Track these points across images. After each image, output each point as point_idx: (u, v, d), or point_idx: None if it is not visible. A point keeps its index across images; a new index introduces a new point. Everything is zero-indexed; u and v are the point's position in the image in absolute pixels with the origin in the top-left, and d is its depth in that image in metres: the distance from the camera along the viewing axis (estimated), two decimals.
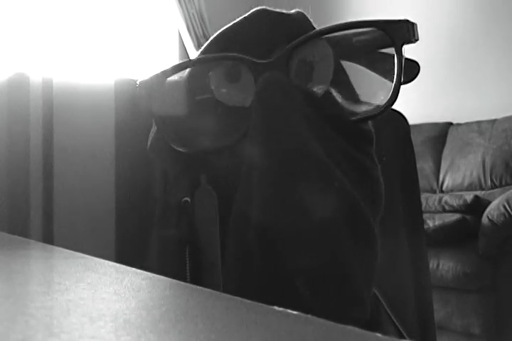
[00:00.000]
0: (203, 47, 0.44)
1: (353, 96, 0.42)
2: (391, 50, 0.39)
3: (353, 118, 0.40)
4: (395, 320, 0.41)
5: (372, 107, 0.40)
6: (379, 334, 0.18)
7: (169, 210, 0.41)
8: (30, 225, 0.69)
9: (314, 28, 0.42)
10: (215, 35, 0.44)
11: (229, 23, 0.44)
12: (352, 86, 0.42)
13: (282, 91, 0.37)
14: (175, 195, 0.40)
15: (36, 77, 0.85)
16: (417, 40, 0.40)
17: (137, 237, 0.46)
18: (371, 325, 0.38)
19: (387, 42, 0.39)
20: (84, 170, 0.72)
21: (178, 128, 0.41)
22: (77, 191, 0.71)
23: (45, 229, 0.69)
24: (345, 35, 0.41)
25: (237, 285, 0.36)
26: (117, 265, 0.30)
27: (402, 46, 0.39)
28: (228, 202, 0.37)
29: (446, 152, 2.25)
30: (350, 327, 0.19)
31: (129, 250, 0.47)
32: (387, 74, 0.40)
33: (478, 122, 2.21)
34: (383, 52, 0.40)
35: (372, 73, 0.42)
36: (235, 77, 0.40)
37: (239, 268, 0.36)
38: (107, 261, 0.31)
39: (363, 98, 0.42)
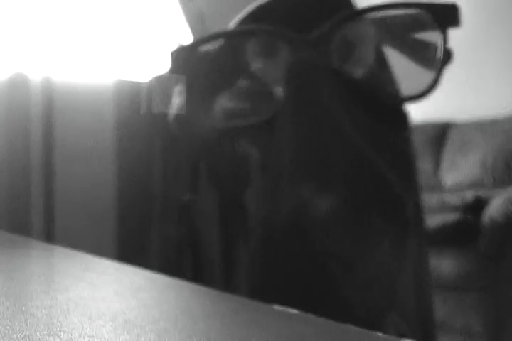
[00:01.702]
0: (237, 18, 0.42)
1: (391, 79, 0.40)
2: (432, 34, 0.38)
3: (395, 100, 0.38)
4: (395, 316, 0.41)
5: (413, 90, 0.38)
6: (379, 334, 0.18)
7: (169, 209, 0.41)
8: (31, 224, 0.69)
9: (354, 7, 0.41)
10: (252, 7, 0.41)
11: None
12: (390, 69, 0.41)
13: (317, 74, 0.35)
14: (175, 194, 0.40)
15: (36, 77, 0.85)
16: (459, 24, 0.38)
17: (138, 235, 0.46)
18: (373, 320, 0.38)
19: (431, 25, 0.38)
20: (85, 169, 0.72)
21: (208, 101, 0.39)
22: (77, 190, 0.71)
23: (46, 228, 0.69)
24: (388, 15, 0.39)
25: (263, 277, 0.35)
26: (117, 264, 0.30)
27: (447, 31, 0.37)
28: (231, 199, 0.37)
29: (446, 152, 2.25)
30: (350, 327, 0.19)
31: (130, 248, 0.47)
32: (428, 57, 0.38)
33: (478, 122, 2.21)
34: (424, 36, 0.39)
35: (412, 56, 0.41)
36: (271, 52, 0.38)
37: (266, 258, 0.35)
38: (107, 260, 0.31)
39: (401, 81, 0.40)
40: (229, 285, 0.37)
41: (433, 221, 1.79)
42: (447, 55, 0.39)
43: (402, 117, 0.40)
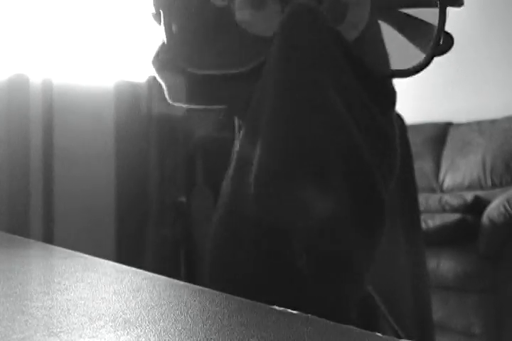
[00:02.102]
0: None
1: (382, 50, 0.39)
2: (430, 11, 0.36)
3: (382, 73, 0.36)
4: (391, 321, 0.41)
5: (403, 66, 0.36)
6: (379, 334, 0.18)
7: (165, 210, 0.40)
8: (31, 225, 0.69)
9: None
10: None
11: None
12: (382, 41, 0.39)
13: (314, 23, 0.33)
14: (170, 195, 0.40)
15: (36, 78, 0.85)
16: (461, 4, 0.37)
17: (136, 237, 0.46)
18: (368, 325, 0.38)
19: (431, 1, 0.36)
20: (84, 171, 0.73)
21: (190, 46, 0.37)
22: (76, 191, 0.71)
23: (45, 229, 0.69)
24: None
25: (226, 272, 0.33)
26: (117, 265, 0.30)
27: (446, 7, 0.36)
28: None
29: (446, 152, 2.25)
30: (350, 327, 0.19)
31: (129, 249, 0.47)
32: (423, 36, 0.37)
33: (478, 122, 2.21)
34: (422, 11, 0.38)
35: (407, 33, 0.39)
36: (260, 3, 0.36)
37: (229, 251, 0.33)
38: (106, 261, 0.31)
39: (393, 52, 0.39)
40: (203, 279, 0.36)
41: (433, 221, 1.79)
42: (446, 40, 0.37)
43: (389, 93, 0.37)
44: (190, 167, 0.40)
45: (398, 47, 0.39)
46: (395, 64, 0.38)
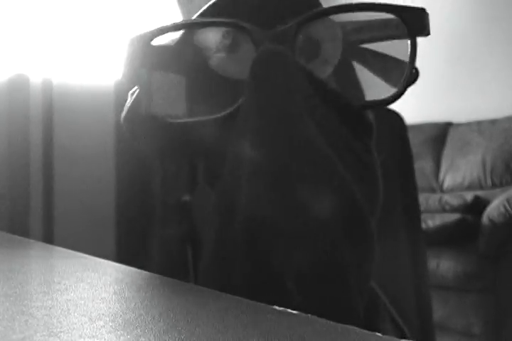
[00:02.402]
0: (200, 10, 0.40)
1: (356, 84, 0.40)
2: (401, 41, 0.37)
3: (358, 104, 0.36)
4: (396, 318, 0.41)
5: (378, 96, 0.37)
6: (379, 334, 0.18)
7: (169, 210, 0.40)
8: (31, 225, 0.69)
9: (321, 6, 0.39)
10: (213, 1, 0.40)
11: None
12: (356, 73, 0.40)
13: (283, 66, 0.33)
14: (174, 195, 0.40)
15: (36, 78, 0.85)
16: (428, 33, 0.37)
17: (137, 237, 0.46)
18: (370, 323, 0.38)
19: (401, 30, 0.36)
20: (84, 170, 0.72)
21: (162, 95, 0.37)
22: (77, 191, 0.71)
23: (45, 229, 0.69)
24: (356, 20, 0.38)
25: (217, 285, 0.33)
26: (117, 265, 0.30)
27: (416, 35, 0.36)
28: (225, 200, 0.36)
29: (446, 152, 2.25)
30: (350, 327, 0.19)
31: (129, 249, 0.47)
32: (396, 64, 0.37)
33: (478, 122, 2.21)
34: (393, 41, 0.38)
35: (382, 61, 0.39)
36: (233, 46, 0.36)
37: (220, 266, 0.33)
38: (106, 261, 0.31)
39: (366, 87, 0.39)
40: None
41: (433, 221, 1.79)
42: (413, 72, 0.37)
43: (366, 125, 0.38)
44: (191, 166, 0.40)
45: (371, 82, 0.40)
46: (370, 97, 0.39)
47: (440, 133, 2.31)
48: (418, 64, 0.40)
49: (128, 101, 0.39)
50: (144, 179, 0.46)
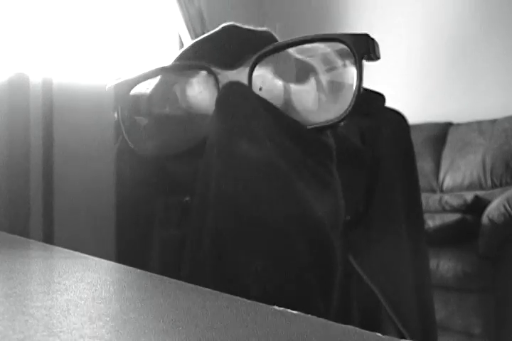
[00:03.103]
0: (175, 58, 0.46)
1: (313, 107, 0.42)
2: (349, 69, 0.40)
3: (311, 126, 0.40)
4: (395, 320, 0.41)
5: (331, 117, 0.40)
6: (379, 334, 0.18)
7: (170, 210, 0.41)
8: (31, 225, 0.69)
9: (276, 41, 0.44)
10: (187, 46, 0.46)
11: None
12: (313, 97, 0.43)
13: (242, 96, 0.38)
14: (176, 195, 0.40)
15: (36, 77, 0.85)
16: (378, 57, 0.40)
17: (138, 237, 0.46)
18: (371, 324, 0.38)
19: (348, 56, 0.40)
20: (85, 170, 0.72)
21: (143, 134, 0.43)
22: (77, 191, 0.71)
23: (45, 229, 0.69)
24: (312, 47, 0.41)
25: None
26: (117, 265, 0.30)
27: (361, 59, 0.39)
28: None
29: (446, 152, 2.25)
30: (350, 327, 0.19)
31: (130, 250, 0.47)
32: (348, 86, 0.40)
33: (478, 122, 2.21)
34: (346, 66, 0.41)
35: (334, 86, 0.43)
36: (200, 86, 0.41)
37: (192, 270, 0.35)
38: (106, 261, 0.31)
39: (322, 110, 0.42)
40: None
41: (433, 221, 1.79)
42: (360, 90, 0.41)
43: (325, 145, 0.41)
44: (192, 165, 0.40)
45: (320, 103, 0.43)
46: (325, 118, 0.41)
47: (440, 133, 2.31)
48: (418, 64, 0.41)
49: (117, 142, 0.45)
50: (145, 179, 0.46)
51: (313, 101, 0.42)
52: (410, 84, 2.54)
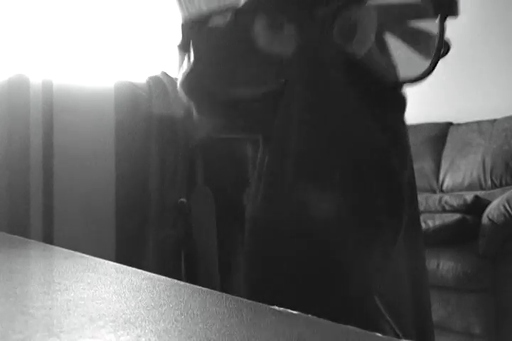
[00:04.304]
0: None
1: (389, 62, 0.43)
2: (432, 24, 0.40)
3: (392, 81, 0.40)
4: (390, 321, 0.41)
5: (410, 75, 0.40)
6: (379, 334, 0.18)
7: (166, 211, 0.41)
8: (31, 225, 0.69)
9: None
10: None
11: None
12: (390, 54, 0.43)
13: (326, 53, 0.37)
14: (171, 196, 0.40)
15: (36, 78, 0.85)
16: (457, 14, 0.41)
17: (137, 237, 0.46)
18: (368, 325, 0.38)
19: (431, 14, 0.40)
20: (84, 171, 0.72)
21: (215, 69, 0.42)
22: (77, 191, 0.71)
23: (45, 229, 0.69)
24: (390, 4, 0.41)
25: (259, 278, 0.36)
26: (117, 265, 0.30)
27: (445, 18, 0.39)
28: (226, 201, 0.37)
29: (446, 152, 2.25)
30: (350, 327, 0.19)
31: (129, 250, 0.47)
32: (426, 46, 0.40)
33: (478, 122, 2.21)
34: (424, 24, 0.41)
35: (411, 44, 0.43)
36: (277, 27, 0.40)
37: (263, 259, 0.36)
38: (106, 261, 0.31)
39: (399, 66, 0.42)
40: (225, 286, 0.37)
41: (433, 221, 1.79)
42: (444, 46, 0.41)
43: (399, 99, 0.41)
44: (190, 167, 0.40)
45: (403, 56, 0.43)
46: (403, 73, 0.42)
47: (440, 133, 2.31)
48: None
49: (185, 68, 0.42)
50: (145, 179, 0.46)
51: (390, 57, 0.42)
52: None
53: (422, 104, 2.45)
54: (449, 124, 2.33)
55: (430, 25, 0.40)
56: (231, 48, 0.42)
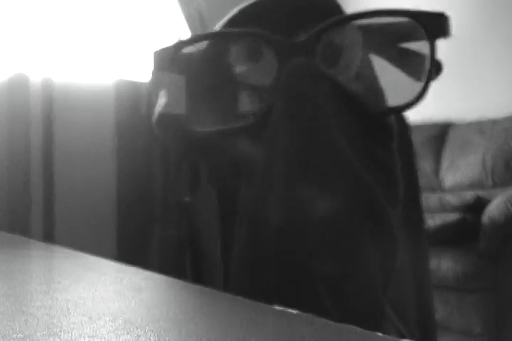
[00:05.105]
0: (224, 20, 0.42)
1: (377, 88, 0.41)
2: (421, 44, 0.38)
3: (380, 110, 0.38)
4: (395, 320, 0.41)
5: (399, 101, 0.38)
6: (379, 334, 0.18)
7: (170, 210, 0.41)
8: (31, 224, 0.69)
9: (342, 13, 0.41)
10: (238, 8, 0.41)
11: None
12: (377, 78, 0.41)
13: (310, 80, 0.35)
14: (175, 195, 0.40)
15: (36, 77, 0.85)
16: (449, 35, 0.38)
17: (138, 236, 0.46)
18: (371, 324, 0.38)
19: (420, 35, 0.38)
20: (85, 170, 0.72)
21: (190, 104, 0.39)
22: (77, 190, 0.71)
23: (45, 228, 0.69)
24: (375, 24, 0.39)
25: (247, 287, 0.35)
26: (117, 264, 0.30)
27: (435, 41, 0.38)
28: (230, 200, 0.37)
29: (446, 152, 2.25)
30: (350, 327, 0.19)
31: (130, 249, 0.47)
32: (416, 68, 0.39)
33: (478, 122, 2.21)
34: (412, 45, 0.40)
35: (400, 67, 0.41)
36: (256, 55, 0.38)
37: (251, 270, 0.34)
38: (106, 260, 0.31)
39: (388, 91, 0.40)
40: (228, 285, 0.37)
41: (433, 221, 1.79)
42: (436, 67, 0.39)
43: (387, 127, 0.39)
44: (193, 166, 0.40)
45: (392, 80, 0.42)
46: (391, 98, 0.40)
47: (440, 133, 2.31)
48: None
49: (157, 104, 0.40)
50: (146, 179, 0.46)
51: (376, 82, 0.40)
52: None
53: (422, 104, 2.45)
54: (449, 124, 2.34)
55: (419, 46, 0.38)
56: (205, 78, 0.40)
